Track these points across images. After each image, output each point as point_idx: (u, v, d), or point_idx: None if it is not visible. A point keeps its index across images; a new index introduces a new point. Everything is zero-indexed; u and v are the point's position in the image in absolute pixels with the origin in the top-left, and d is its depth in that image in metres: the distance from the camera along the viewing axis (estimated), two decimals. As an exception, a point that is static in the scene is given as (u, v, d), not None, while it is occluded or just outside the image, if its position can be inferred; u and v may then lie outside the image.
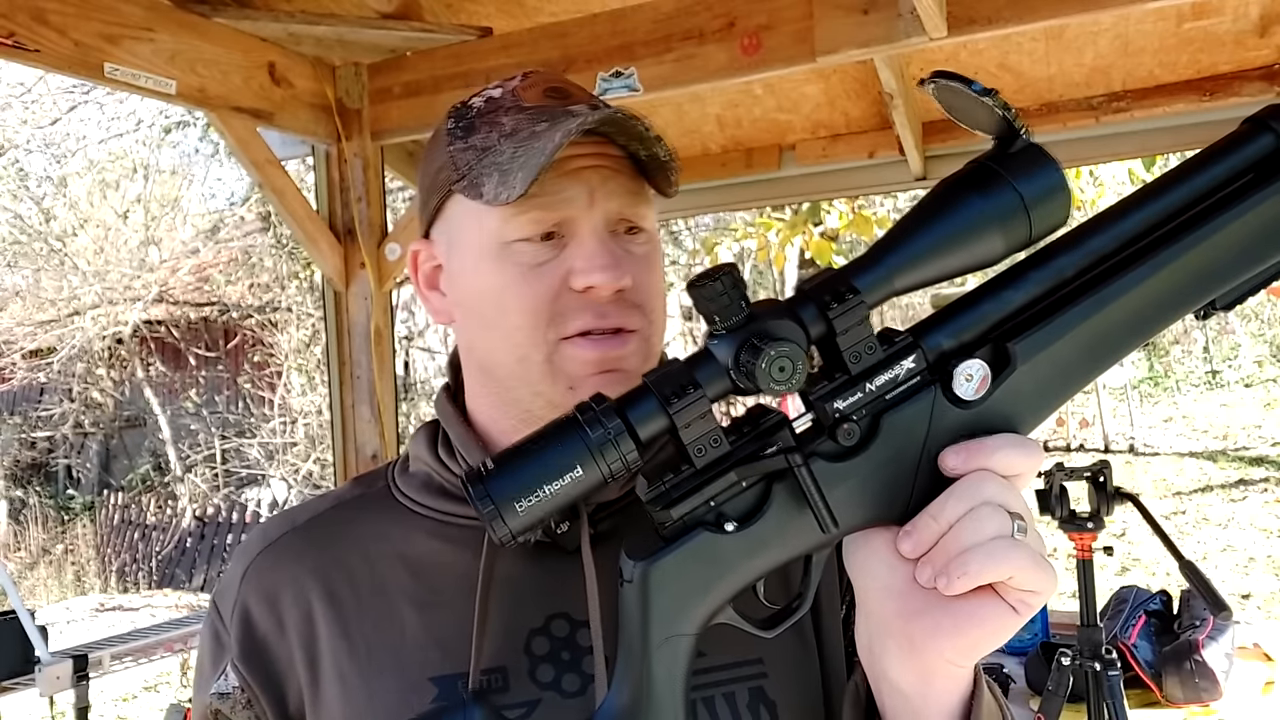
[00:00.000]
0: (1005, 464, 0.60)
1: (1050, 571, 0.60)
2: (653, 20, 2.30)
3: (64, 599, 10.18)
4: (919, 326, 0.63)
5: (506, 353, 0.80)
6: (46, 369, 11.62)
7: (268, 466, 10.82)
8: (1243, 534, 7.71)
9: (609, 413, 0.60)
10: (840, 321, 0.60)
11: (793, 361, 0.58)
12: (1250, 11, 2.52)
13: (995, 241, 0.60)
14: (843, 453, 0.61)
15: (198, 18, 2.31)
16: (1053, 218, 0.61)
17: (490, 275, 0.79)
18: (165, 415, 11.66)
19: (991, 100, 0.59)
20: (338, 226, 2.74)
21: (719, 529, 0.61)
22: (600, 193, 0.78)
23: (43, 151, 12.31)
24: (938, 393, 0.61)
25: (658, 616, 0.62)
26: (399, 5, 2.58)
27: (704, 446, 0.60)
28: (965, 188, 0.61)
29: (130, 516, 11.16)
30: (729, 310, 0.59)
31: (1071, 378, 0.63)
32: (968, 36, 2.10)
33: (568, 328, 0.77)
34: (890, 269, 0.61)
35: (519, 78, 0.83)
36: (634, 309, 0.79)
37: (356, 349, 2.76)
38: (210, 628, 0.85)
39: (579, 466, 0.59)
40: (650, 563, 0.61)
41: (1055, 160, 0.60)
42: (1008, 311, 0.62)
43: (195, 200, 13.06)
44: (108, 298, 11.28)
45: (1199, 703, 2.88)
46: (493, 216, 0.78)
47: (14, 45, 1.90)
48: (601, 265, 0.76)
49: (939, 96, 0.61)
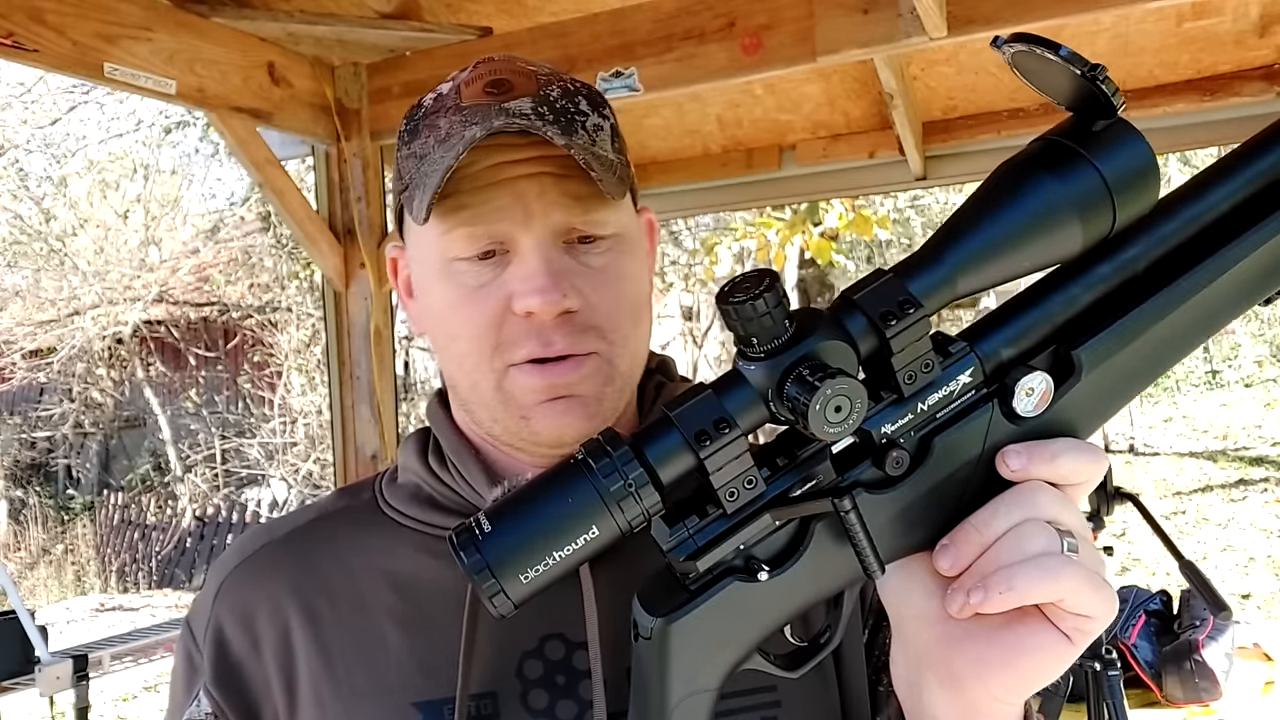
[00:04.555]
0: (1067, 471, 0.54)
1: (1109, 593, 0.53)
2: (653, 20, 2.30)
3: (64, 599, 10.17)
4: (974, 330, 0.55)
5: (461, 376, 0.74)
6: (46, 369, 11.61)
7: (268, 466, 10.81)
8: (1243, 534, 7.70)
9: (627, 457, 0.51)
10: (898, 340, 0.51)
11: (851, 400, 0.49)
12: (1250, 11, 2.51)
13: (1073, 233, 0.51)
14: (889, 480, 0.54)
15: (196, 18, 2.31)
16: (1139, 203, 0.52)
17: (438, 294, 0.73)
18: (165, 415, 11.65)
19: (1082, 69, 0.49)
20: (337, 226, 2.74)
21: (751, 578, 0.53)
22: (539, 204, 0.69)
23: (43, 151, 12.31)
24: (995, 409, 0.54)
25: (678, 675, 0.54)
26: (398, 5, 2.57)
27: (737, 490, 0.52)
28: (1036, 168, 0.51)
29: (130, 516, 11.15)
30: (770, 332, 0.50)
31: (1134, 381, 0.56)
32: (968, 36, 2.10)
33: (514, 355, 0.70)
34: (953, 269, 0.52)
35: (469, 69, 0.74)
36: (586, 331, 0.70)
37: (356, 349, 2.75)
38: (183, 650, 0.79)
39: (595, 526, 0.51)
40: (671, 620, 0.53)
41: (1141, 134, 0.51)
42: (1074, 312, 0.54)
43: (195, 200, 13.06)
44: (108, 298, 11.27)
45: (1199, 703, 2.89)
46: (432, 232, 0.71)
47: (13, 45, 1.90)
48: (539, 288, 0.68)
49: (1015, 61, 0.52)
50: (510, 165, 0.69)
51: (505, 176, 0.69)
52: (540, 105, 0.69)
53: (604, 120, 0.73)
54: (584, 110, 0.71)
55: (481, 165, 0.69)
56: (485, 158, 0.69)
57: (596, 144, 0.70)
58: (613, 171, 0.70)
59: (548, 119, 0.68)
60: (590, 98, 0.73)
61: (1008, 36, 0.51)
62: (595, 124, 0.71)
